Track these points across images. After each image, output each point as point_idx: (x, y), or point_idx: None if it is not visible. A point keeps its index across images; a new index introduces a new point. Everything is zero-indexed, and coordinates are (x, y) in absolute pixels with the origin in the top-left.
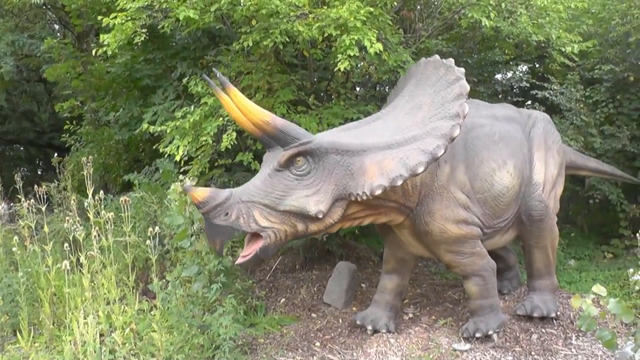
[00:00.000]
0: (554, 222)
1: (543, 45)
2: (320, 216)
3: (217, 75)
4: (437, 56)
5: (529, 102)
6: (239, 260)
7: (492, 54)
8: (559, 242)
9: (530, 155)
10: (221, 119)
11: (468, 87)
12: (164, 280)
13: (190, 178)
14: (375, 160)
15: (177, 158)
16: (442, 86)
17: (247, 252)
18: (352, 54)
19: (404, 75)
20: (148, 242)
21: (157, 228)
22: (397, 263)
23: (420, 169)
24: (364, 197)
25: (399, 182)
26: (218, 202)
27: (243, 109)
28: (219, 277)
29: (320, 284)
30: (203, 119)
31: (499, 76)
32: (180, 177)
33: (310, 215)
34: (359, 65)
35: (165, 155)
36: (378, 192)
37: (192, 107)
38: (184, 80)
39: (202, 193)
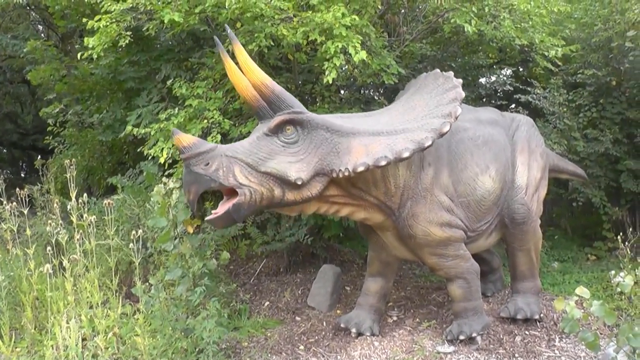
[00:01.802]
0: (537, 224)
1: (526, 49)
2: (300, 183)
3: (228, 32)
4: (438, 70)
5: (513, 106)
6: (210, 217)
7: (476, 58)
8: (542, 244)
9: (513, 159)
10: (205, 121)
11: (463, 94)
12: (147, 284)
13: (175, 180)
14: (363, 143)
15: (162, 160)
16: (439, 92)
17: (220, 210)
18: (338, 63)
19: (403, 90)
20: (131, 245)
21: (140, 231)
22: (381, 266)
23: (406, 154)
24: (346, 174)
25: (383, 163)
26: (201, 150)
27: (246, 67)
28: (203, 280)
29: (304, 287)
30: (187, 121)
31: (482, 80)
32: (164, 179)
33: (289, 180)
34: (343, 69)
35: (150, 158)
36: (360, 169)
37: (177, 109)
38: (168, 82)
39: (187, 138)
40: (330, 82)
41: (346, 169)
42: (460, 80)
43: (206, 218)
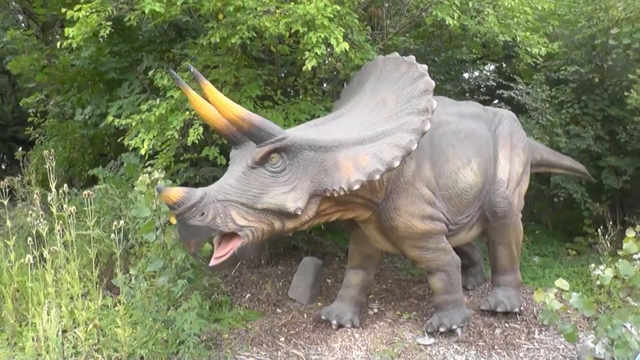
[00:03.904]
0: (518, 219)
1: (510, 44)
2: (299, 213)
3: (191, 70)
4: (396, 53)
5: (496, 102)
6: (214, 262)
7: (460, 53)
8: (523, 239)
9: (495, 153)
10: (187, 112)
11: (433, 83)
12: (128, 275)
13: (159, 170)
14: (349, 156)
15: (143, 152)
16: (406, 83)
17: (222, 252)
18: (319, 52)
19: (358, 72)
20: (112, 236)
21: (121, 222)
22: (362, 259)
23: (397, 163)
24: (342, 193)
25: (377, 177)
26: (193, 202)
27: (218, 104)
28: (185, 272)
29: (285, 280)
30: (169, 113)
31: (466, 75)
32: (149, 169)
33: (288, 212)
34: (326, 62)
35: (131, 150)
36: (356, 187)
37: (158, 100)
38: (150, 73)
39: (176, 193)
40: (310, 69)
41: (340, 188)
42: (425, 66)
43: (210, 264)
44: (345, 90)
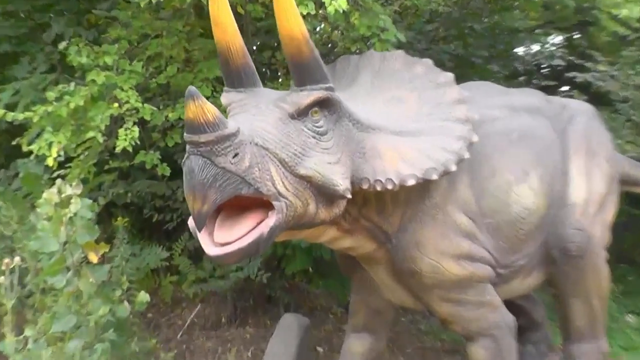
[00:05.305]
0: (602, 259)
1: (586, 5)
2: (348, 195)
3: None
4: (401, 51)
5: (565, 89)
6: (220, 250)
7: (511, 18)
8: (610, 288)
9: (564, 163)
10: (117, 105)
11: (466, 94)
12: (23, 337)
13: (74, 183)
14: (390, 145)
15: (50, 161)
16: (427, 85)
17: (237, 232)
18: (305, 13)
19: (333, 64)
20: (1, 279)
21: (15, 259)
22: (369, 316)
23: (453, 167)
24: (389, 187)
25: (434, 176)
26: (230, 132)
27: (283, 5)
28: (106, 333)
29: (257, 346)
30: (89, 104)
31: (520, 50)
32: (58, 182)
33: (337, 190)
34: (317, 29)
35: (31, 155)
36: (411, 182)
37: (73, 85)
38: (61, 45)
39: (212, 109)
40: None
41: (388, 181)
42: (452, 75)
43: (212, 252)
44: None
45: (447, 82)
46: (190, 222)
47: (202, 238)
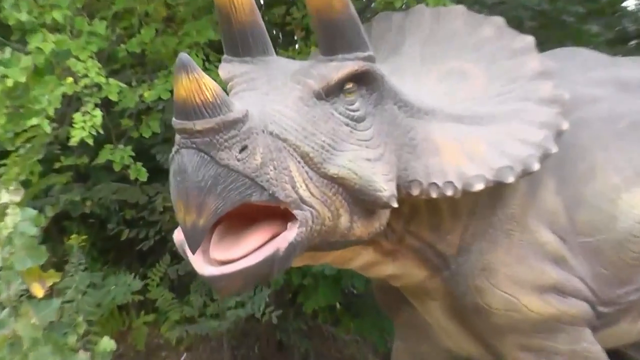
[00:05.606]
0: None
1: None
2: (394, 204)
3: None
4: (463, 6)
5: None
6: (225, 269)
7: None
8: None
9: None
10: (71, 80)
11: (551, 64)
12: None
13: (11, 187)
14: (452, 136)
15: None
16: (499, 54)
17: (243, 249)
18: None
19: (369, 24)
20: None
21: None
22: None
23: (536, 166)
24: (449, 193)
25: (510, 178)
26: (236, 117)
27: None
28: None
29: None
30: (33, 79)
31: (630, 3)
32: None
33: (379, 197)
34: None
35: None
36: (478, 186)
37: (9, 51)
38: None
39: (212, 85)
40: None
41: (447, 184)
42: (532, 38)
43: (208, 272)
44: None
45: (527, 49)
46: (178, 235)
47: (194, 257)
